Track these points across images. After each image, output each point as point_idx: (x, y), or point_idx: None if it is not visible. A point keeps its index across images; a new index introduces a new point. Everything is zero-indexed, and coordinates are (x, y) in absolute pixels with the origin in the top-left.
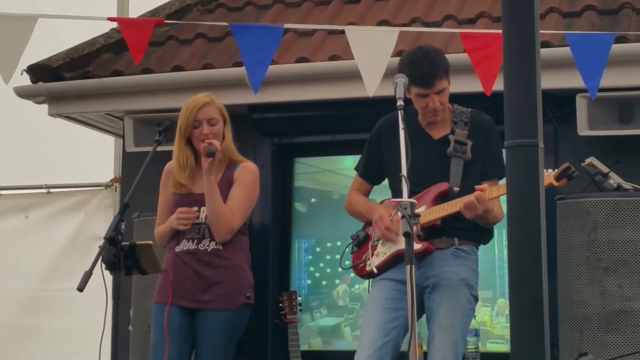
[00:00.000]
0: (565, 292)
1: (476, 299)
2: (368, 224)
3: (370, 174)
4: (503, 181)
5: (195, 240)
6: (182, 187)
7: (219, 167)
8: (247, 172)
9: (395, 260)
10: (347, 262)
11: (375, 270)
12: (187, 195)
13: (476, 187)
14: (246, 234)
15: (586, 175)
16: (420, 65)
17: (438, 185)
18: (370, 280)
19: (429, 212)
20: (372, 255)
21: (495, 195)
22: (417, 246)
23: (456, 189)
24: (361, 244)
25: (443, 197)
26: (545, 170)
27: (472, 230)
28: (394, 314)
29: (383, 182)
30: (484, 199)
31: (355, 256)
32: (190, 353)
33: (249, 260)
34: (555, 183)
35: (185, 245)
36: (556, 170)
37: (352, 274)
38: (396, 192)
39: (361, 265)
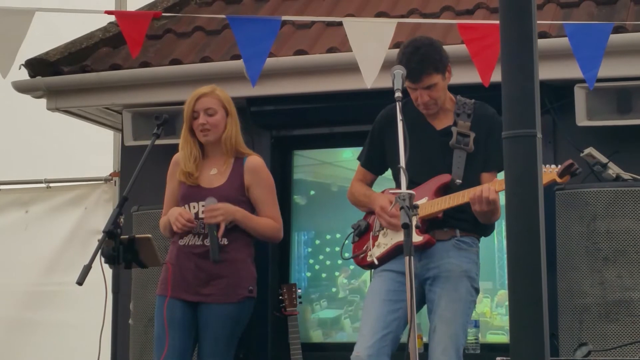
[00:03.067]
0: (564, 282)
1: (477, 291)
2: (369, 213)
3: (372, 164)
4: (501, 175)
5: (201, 236)
6: (189, 176)
7: (226, 157)
8: (259, 170)
9: (396, 252)
10: (347, 254)
11: (376, 262)
12: (195, 187)
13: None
14: None
15: (585, 166)
16: (409, 60)
17: (440, 177)
18: (372, 271)
19: (430, 205)
20: (373, 245)
21: (499, 189)
22: (418, 239)
23: (458, 181)
24: (362, 234)
25: (445, 189)
26: (548, 165)
27: (474, 222)
28: (394, 305)
29: (386, 175)
30: (492, 192)
31: (356, 246)
32: (194, 346)
33: (252, 254)
34: (558, 179)
35: (190, 239)
36: (559, 166)
37: (352, 266)
38: (398, 182)
39: (362, 255)
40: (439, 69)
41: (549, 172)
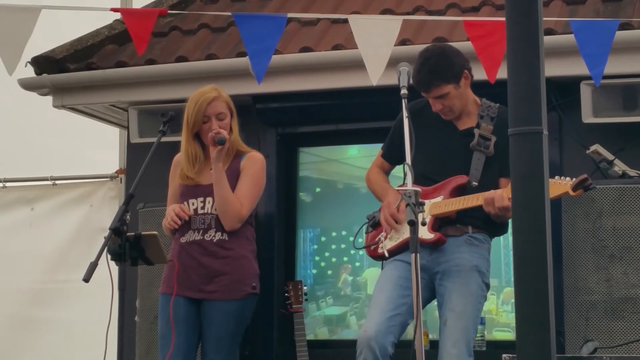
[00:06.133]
0: (570, 279)
1: (488, 286)
2: None
3: (390, 156)
4: None
5: (201, 231)
6: (189, 179)
7: (226, 159)
8: (254, 162)
9: (407, 246)
10: (360, 240)
11: (386, 254)
12: (195, 186)
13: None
14: (252, 225)
15: (591, 163)
16: (419, 71)
17: (457, 177)
18: (382, 262)
19: (445, 204)
20: (386, 238)
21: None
22: (429, 236)
23: (475, 183)
24: (376, 225)
25: (461, 190)
26: (562, 178)
27: (486, 221)
28: (404, 291)
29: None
30: (505, 200)
31: (369, 237)
32: (198, 343)
33: (255, 250)
34: (571, 193)
35: (190, 236)
36: (574, 179)
37: (357, 263)
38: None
39: (374, 247)
40: (449, 80)
41: (563, 185)
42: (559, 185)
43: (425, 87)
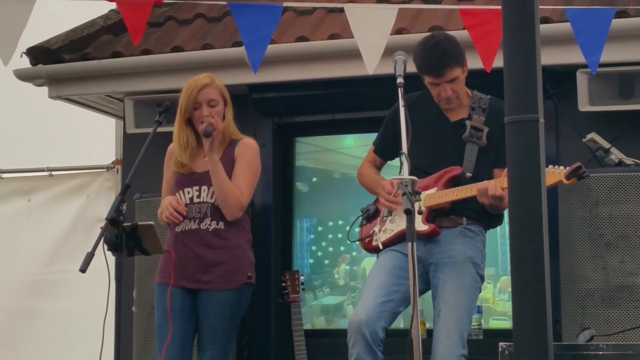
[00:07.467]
0: (567, 267)
1: (482, 278)
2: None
3: (383, 150)
4: None
5: (197, 220)
6: (183, 166)
7: (220, 147)
8: (247, 148)
9: (401, 238)
10: (356, 230)
11: (381, 246)
12: (189, 175)
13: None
14: (248, 213)
15: (587, 151)
16: (431, 55)
17: (451, 169)
18: (378, 255)
19: (439, 195)
20: (380, 230)
21: (506, 186)
22: (424, 227)
23: (469, 174)
24: (370, 218)
25: (455, 182)
26: (556, 167)
27: (481, 212)
28: (399, 280)
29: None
30: (499, 189)
31: (363, 229)
32: (194, 333)
33: (250, 240)
34: (565, 181)
35: (186, 225)
36: (567, 168)
37: (355, 253)
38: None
39: (368, 239)
40: (460, 62)
41: (557, 173)
42: (553, 174)
43: (439, 70)
